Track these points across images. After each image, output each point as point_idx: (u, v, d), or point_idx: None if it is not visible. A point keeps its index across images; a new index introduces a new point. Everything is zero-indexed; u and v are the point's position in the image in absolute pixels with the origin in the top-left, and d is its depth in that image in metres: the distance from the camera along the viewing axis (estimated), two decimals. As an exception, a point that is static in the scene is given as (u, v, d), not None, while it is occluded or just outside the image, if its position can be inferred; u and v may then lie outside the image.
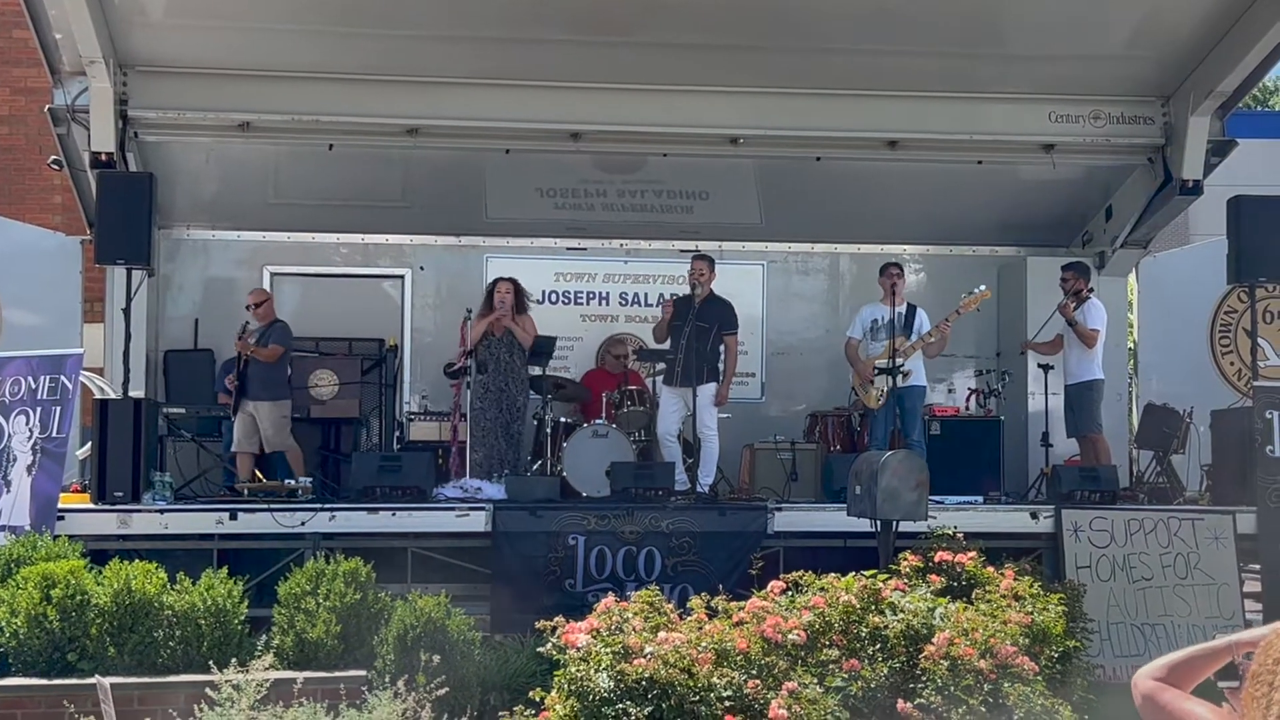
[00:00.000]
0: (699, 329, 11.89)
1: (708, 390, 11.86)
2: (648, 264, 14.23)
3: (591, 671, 6.20)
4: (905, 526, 8.96)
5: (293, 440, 12.03)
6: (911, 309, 12.20)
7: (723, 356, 12.08)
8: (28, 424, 10.40)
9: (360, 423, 12.90)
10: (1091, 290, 12.43)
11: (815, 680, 6.38)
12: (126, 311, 10.89)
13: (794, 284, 14.62)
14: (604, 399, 12.57)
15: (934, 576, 7.84)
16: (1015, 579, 7.96)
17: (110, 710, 7.12)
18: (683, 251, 13.99)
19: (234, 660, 7.13)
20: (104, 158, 11.53)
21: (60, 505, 10.19)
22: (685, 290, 12.37)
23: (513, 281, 12.26)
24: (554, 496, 11.03)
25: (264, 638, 8.28)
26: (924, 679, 6.58)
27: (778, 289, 14.53)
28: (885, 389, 11.92)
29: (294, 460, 11.90)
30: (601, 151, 12.94)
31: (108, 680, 7.56)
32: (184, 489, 11.63)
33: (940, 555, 8.12)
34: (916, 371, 12.00)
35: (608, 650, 6.27)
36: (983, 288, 11.98)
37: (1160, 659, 3.13)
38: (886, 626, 6.80)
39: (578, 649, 6.34)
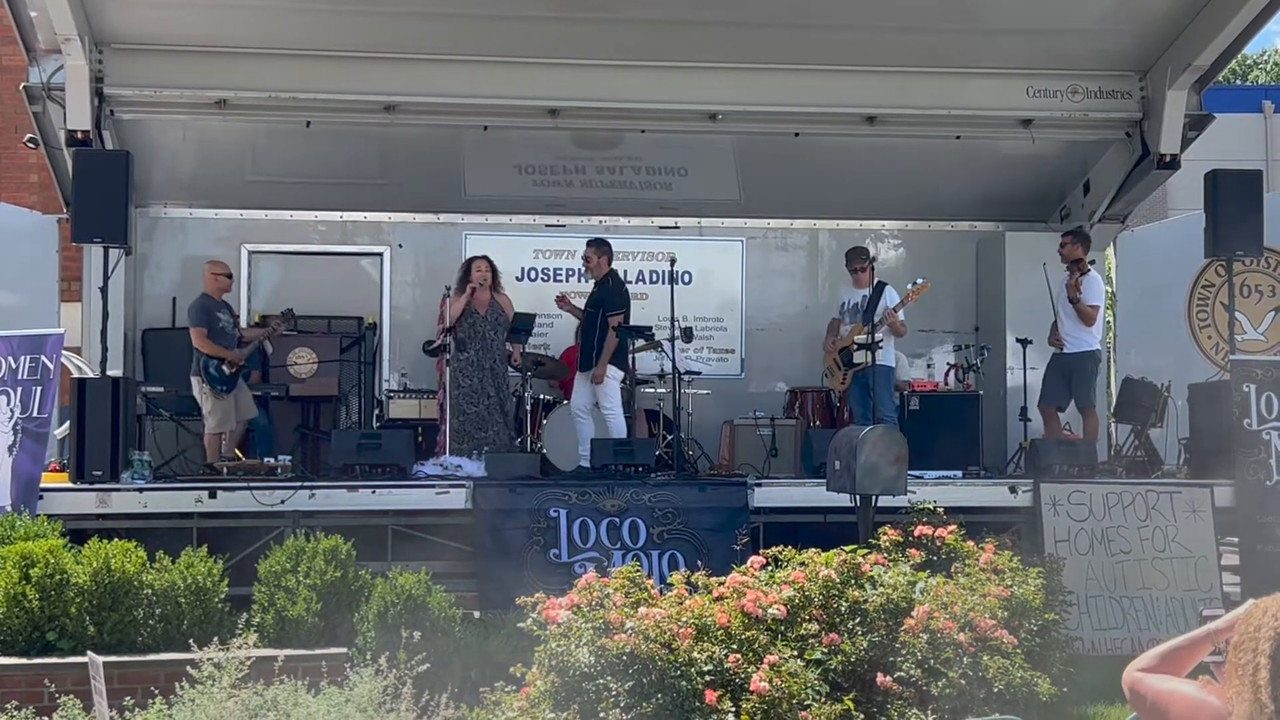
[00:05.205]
0: (589, 314, 12.04)
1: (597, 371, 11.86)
2: (627, 241, 14.14)
3: (572, 647, 6.21)
4: (885, 501, 8.96)
5: None
6: (879, 288, 12.18)
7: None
8: (9, 404, 10.34)
9: (339, 401, 12.90)
10: (1093, 263, 12.43)
11: (795, 654, 6.40)
12: (104, 290, 10.82)
13: (773, 260, 14.62)
14: (583, 376, 12.56)
15: (914, 551, 7.86)
16: (994, 553, 7.98)
17: (101, 686, 7.11)
18: (662, 228, 14.02)
19: (215, 638, 7.12)
20: (80, 136, 11.47)
21: (39, 485, 10.16)
22: (665, 267, 12.38)
23: (487, 259, 12.25)
24: (534, 473, 11.02)
25: (244, 616, 8.26)
26: (903, 652, 6.61)
27: (757, 265, 14.53)
28: (846, 373, 12.00)
29: None
30: (580, 128, 12.92)
31: (100, 658, 7.54)
32: (163, 468, 11.61)
33: (920, 530, 8.14)
34: (885, 350, 11.98)
35: (588, 626, 6.28)
36: (920, 280, 12.04)
37: (1148, 651, 3.21)
38: (866, 600, 6.82)
39: (558, 625, 6.35)
